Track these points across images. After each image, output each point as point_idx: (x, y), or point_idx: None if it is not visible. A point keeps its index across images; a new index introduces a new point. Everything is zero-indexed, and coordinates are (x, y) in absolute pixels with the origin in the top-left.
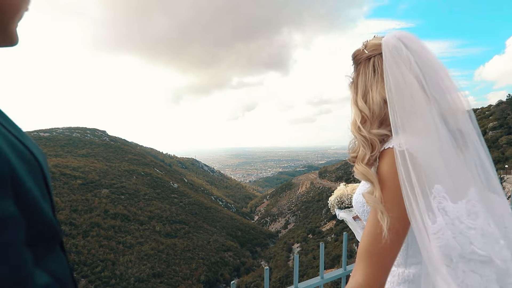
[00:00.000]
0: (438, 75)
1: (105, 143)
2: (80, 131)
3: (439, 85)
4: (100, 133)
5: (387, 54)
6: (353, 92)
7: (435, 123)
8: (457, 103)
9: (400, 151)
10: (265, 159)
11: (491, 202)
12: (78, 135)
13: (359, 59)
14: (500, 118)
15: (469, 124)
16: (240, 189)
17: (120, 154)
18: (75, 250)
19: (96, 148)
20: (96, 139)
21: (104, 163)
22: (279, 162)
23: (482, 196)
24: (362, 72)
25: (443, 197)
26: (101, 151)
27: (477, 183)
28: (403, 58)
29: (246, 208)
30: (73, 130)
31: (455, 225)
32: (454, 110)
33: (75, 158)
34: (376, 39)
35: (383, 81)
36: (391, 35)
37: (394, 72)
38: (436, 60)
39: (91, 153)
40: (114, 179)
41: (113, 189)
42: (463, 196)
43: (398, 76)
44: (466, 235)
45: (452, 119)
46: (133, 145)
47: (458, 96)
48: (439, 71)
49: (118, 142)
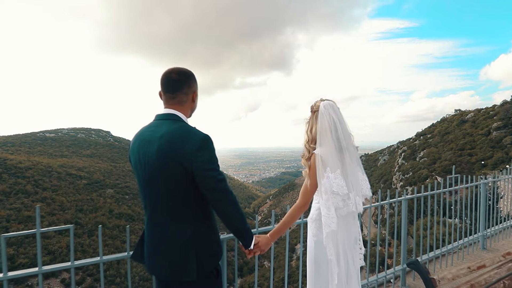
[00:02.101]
0: (340, 124)
1: (110, 144)
2: (85, 132)
3: (338, 127)
4: (104, 133)
5: (319, 112)
6: (306, 126)
7: (332, 143)
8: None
9: (317, 154)
10: (268, 160)
11: (355, 173)
12: (83, 136)
13: (311, 111)
14: (504, 118)
15: (349, 142)
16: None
17: (124, 155)
18: (81, 249)
19: (101, 148)
20: (100, 139)
21: (108, 163)
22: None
23: (346, 171)
24: (311, 117)
25: (328, 171)
26: (106, 151)
27: (343, 166)
28: (326, 116)
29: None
30: (78, 130)
31: (329, 180)
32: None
33: (80, 158)
34: (319, 102)
35: (317, 123)
36: (323, 103)
37: (321, 121)
38: (341, 115)
39: (95, 153)
40: (118, 179)
41: (117, 189)
42: (334, 171)
43: (323, 123)
44: (332, 184)
45: (340, 141)
46: None
47: (348, 131)
48: (340, 120)
49: (122, 142)
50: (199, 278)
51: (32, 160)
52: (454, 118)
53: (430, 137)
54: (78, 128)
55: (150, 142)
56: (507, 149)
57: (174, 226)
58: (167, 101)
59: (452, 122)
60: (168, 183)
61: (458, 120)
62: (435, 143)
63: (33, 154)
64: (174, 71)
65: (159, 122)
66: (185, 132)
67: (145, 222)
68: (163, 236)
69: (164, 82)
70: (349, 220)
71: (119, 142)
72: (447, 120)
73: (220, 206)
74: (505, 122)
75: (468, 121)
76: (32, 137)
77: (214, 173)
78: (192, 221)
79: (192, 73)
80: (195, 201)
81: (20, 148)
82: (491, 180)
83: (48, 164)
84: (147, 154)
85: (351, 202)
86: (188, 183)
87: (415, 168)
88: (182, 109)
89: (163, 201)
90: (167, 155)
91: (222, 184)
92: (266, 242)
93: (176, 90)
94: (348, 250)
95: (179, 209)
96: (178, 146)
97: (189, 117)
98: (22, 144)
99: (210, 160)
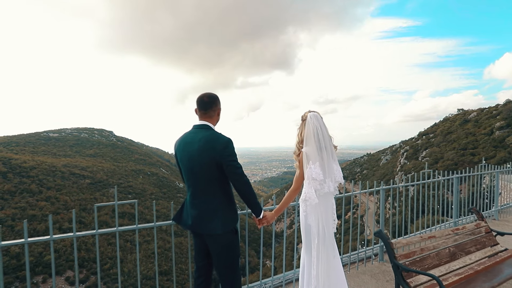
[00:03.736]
0: (321, 130)
1: (112, 143)
2: (87, 132)
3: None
4: (107, 133)
5: (306, 121)
6: (298, 130)
7: (314, 144)
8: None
9: (304, 151)
10: (270, 159)
11: (331, 164)
12: (86, 136)
13: (302, 119)
14: (507, 118)
15: (327, 143)
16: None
17: (126, 154)
18: (85, 248)
19: (104, 148)
20: (103, 139)
21: (111, 163)
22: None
23: (323, 163)
24: (301, 124)
25: (311, 164)
26: (109, 151)
27: (322, 160)
28: (311, 124)
29: None
30: (81, 130)
31: (311, 170)
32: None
33: (84, 158)
34: (307, 113)
35: (305, 129)
36: (310, 114)
37: (307, 127)
38: (323, 123)
39: (98, 153)
40: (121, 179)
41: (120, 188)
42: (315, 163)
43: (308, 129)
44: (312, 172)
45: (320, 142)
46: (139, 145)
47: (328, 134)
48: (322, 127)
49: (124, 142)
50: (223, 232)
51: (36, 159)
52: (457, 118)
53: (432, 137)
54: (81, 128)
55: (192, 144)
56: (510, 149)
57: (207, 199)
58: (201, 115)
59: (454, 121)
60: (204, 171)
61: (460, 119)
62: (437, 142)
63: (37, 154)
64: (206, 95)
65: (197, 130)
66: (215, 136)
67: (187, 196)
68: (201, 205)
69: (199, 102)
70: (326, 198)
71: (121, 142)
72: (450, 120)
73: (237, 185)
74: (508, 122)
75: (470, 120)
76: (36, 137)
77: (234, 163)
78: (218, 196)
79: (217, 96)
80: (220, 183)
81: (24, 148)
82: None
83: (52, 164)
84: (190, 151)
85: (326, 186)
86: (217, 171)
87: (417, 167)
88: (211, 120)
89: (201, 183)
90: (204, 152)
91: (239, 170)
92: (271, 216)
93: (207, 109)
94: (325, 220)
95: (210, 188)
96: (211, 146)
97: (215, 125)
98: (27, 144)
99: (232, 155)
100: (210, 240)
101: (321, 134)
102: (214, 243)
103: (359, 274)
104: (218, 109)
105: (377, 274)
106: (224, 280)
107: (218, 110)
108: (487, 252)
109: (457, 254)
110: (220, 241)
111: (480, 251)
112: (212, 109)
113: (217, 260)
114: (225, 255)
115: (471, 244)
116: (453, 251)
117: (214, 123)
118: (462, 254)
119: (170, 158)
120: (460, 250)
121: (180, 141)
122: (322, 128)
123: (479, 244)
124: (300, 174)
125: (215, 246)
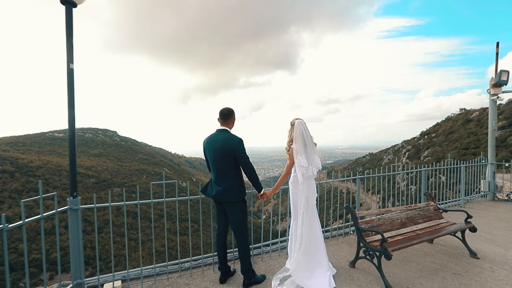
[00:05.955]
0: (305, 132)
1: (116, 143)
2: (92, 132)
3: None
4: (111, 133)
5: (295, 125)
6: (288, 132)
7: (300, 142)
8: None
9: (293, 147)
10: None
11: (313, 156)
12: (90, 136)
13: (291, 124)
14: (509, 117)
15: (310, 141)
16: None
17: (130, 154)
18: (90, 246)
19: (108, 148)
20: (107, 139)
21: (115, 162)
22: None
23: (308, 155)
24: (291, 128)
25: (299, 156)
26: (113, 151)
27: (305, 153)
28: (298, 128)
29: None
30: (86, 130)
31: (299, 160)
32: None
33: (88, 157)
34: (294, 120)
35: (294, 131)
36: (297, 121)
37: (295, 130)
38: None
39: (103, 152)
40: (125, 178)
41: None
42: (302, 155)
43: (296, 131)
44: (300, 161)
45: (305, 141)
46: (143, 145)
47: (310, 135)
48: (305, 130)
49: (128, 142)
50: (236, 200)
51: (43, 159)
52: (459, 117)
53: (434, 136)
54: (86, 128)
55: (216, 142)
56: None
57: (226, 178)
58: (222, 123)
59: (456, 121)
60: (225, 159)
61: (463, 119)
62: (439, 142)
63: (43, 154)
64: (226, 109)
65: (219, 132)
66: (232, 137)
67: (212, 177)
68: (222, 183)
69: (221, 114)
70: (310, 180)
71: (125, 141)
72: (452, 119)
73: (246, 169)
74: (510, 121)
75: (472, 120)
76: (42, 137)
77: (244, 155)
78: (233, 177)
79: (233, 110)
80: (235, 168)
81: (30, 148)
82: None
83: (57, 163)
84: (215, 147)
85: (310, 170)
86: (233, 160)
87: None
88: (228, 126)
89: (223, 168)
90: (224, 147)
91: (247, 160)
92: (269, 193)
93: (226, 118)
94: (309, 196)
95: (228, 172)
96: (229, 143)
97: (231, 129)
98: (33, 143)
99: (242, 149)
100: (228, 205)
101: (305, 135)
102: (231, 207)
103: (339, 243)
104: (233, 118)
105: (352, 243)
106: (236, 232)
107: (233, 119)
108: (432, 224)
109: (407, 223)
110: (234, 206)
111: (427, 222)
112: (230, 118)
113: (233, 218)
114: (238, 215)
115: (420, 217)
116: (404, 221)
117: (231, 128)
118: (411, 224)
119: (173, 158)
120: (410, 221)
121: (208, 139)
122: (306, 130)
123: (427, 218)
124: (290, 164)
125: (231, 209)
